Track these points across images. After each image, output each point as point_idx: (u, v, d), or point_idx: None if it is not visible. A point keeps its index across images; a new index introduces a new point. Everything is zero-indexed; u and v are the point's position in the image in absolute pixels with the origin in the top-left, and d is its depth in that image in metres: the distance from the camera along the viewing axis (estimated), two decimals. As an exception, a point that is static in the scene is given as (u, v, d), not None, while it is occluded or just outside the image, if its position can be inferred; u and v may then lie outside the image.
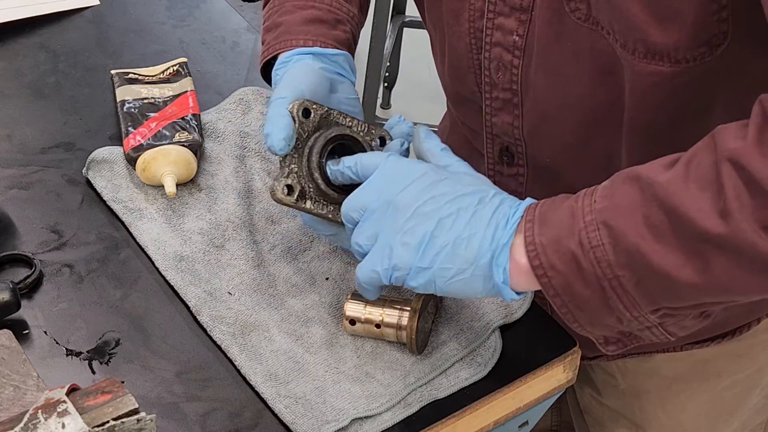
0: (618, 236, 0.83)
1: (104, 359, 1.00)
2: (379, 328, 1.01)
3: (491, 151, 1.11)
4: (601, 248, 0.84)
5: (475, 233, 0.89)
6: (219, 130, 1.21)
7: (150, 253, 1.09)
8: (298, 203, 0.99)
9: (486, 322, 1.04)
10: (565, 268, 0.85)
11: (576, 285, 0.85)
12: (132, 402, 0.87)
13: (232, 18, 1.45)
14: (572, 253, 0.85)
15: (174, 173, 1.14)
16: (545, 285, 0.87)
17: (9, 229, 1.12)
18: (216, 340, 1.02)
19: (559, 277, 0.86)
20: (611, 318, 0.87)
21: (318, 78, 1.03)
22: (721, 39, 0.86)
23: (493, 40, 1.00)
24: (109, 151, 1.18)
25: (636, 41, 0.88)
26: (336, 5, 1.11)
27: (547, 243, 0.86)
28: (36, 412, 0.85)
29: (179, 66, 1.29)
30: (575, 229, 0.85)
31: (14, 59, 1.35)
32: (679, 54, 0.88)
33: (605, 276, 0.84)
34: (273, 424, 0.96)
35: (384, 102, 2.90)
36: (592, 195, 0.86)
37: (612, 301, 0.85)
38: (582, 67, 0.95)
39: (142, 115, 1.21)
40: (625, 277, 0.84)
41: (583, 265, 0.84)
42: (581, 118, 1.00)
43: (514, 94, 1.03)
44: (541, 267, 0.86)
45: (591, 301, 0.86)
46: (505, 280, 0.88)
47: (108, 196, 1.15)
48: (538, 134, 1.05)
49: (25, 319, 1.03)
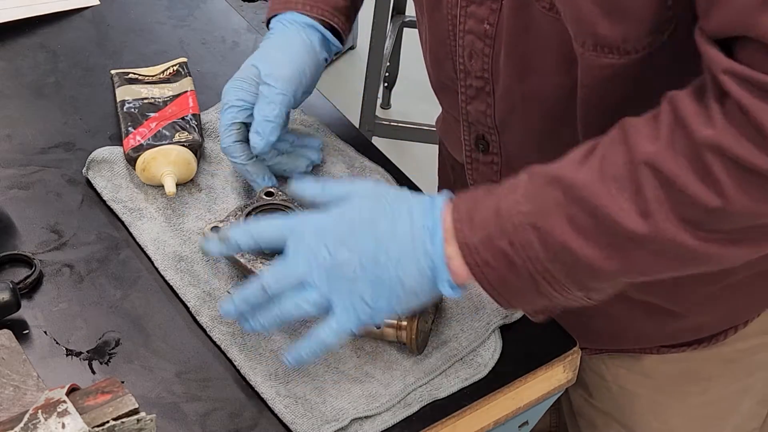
0: (546, 236, 0.87)
1: (104, 359, 1.00)
2: (379, 329, 1.01)
3: (468, 139, 1.12)
4: (531, 247, 0.88)
5: (407, 263, 0.92)
6: (218, 128, 1.21)
7: (149, 252, 1.09)
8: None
9: (486, 322, 1.04)
10: (498, 264, 0.89)
11: (510, 278, 0.90)
12: (132, 402, 0.87)
13: (232, 18, 1.46)
14: (503, 251, 0.89)
15: (174, 173, 1.14)
16: (480, 279, 0.91)
17: (9, 229, 1.12)
18: (215, 340, 1.02)
19: (492, 272, 0.90)
20: (542, 300, 0.92)
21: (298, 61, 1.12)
22: (666, 26, 0.87)
23: (466, 28, 1.01)
24: (109, 151, 1.18)
25: (585, 34, 0.89)
26: None
27: (479, 243, 0.90)
28: (36, 412, 0.85)
29: (179, 66, 1.29)
30: (505, 230, 0.88)
31: (14, 59, 1.35)
32: (628, 45, 0.89)
33: (537, 270, 0.88)
34: (273, 424, 0.96)
35: (384, 102, 2.90)
36: (515, 193, 0.90)
37: (542, 287, 0.90)
38: (547, 56, 0.96)
39: (142, 115, 1.21)
40: (555, 269, 0.88)
41: (516, 262, 0.88)
42: (546, 107, 1.01)
43: (486, 82, 1.04)
44: (477, 265, 0.90)
45: (524, 289, 0.91)
46: (453, 288, 0.92)
47: (108, 196, 1.15)
48: (509, 122, 1.06)
49: (25, 319, 1.03)
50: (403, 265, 0.91)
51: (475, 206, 0.91)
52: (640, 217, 0.83)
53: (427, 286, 0.93)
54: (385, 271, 0.91)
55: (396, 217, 0.93)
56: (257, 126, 1.09)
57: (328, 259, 0.92)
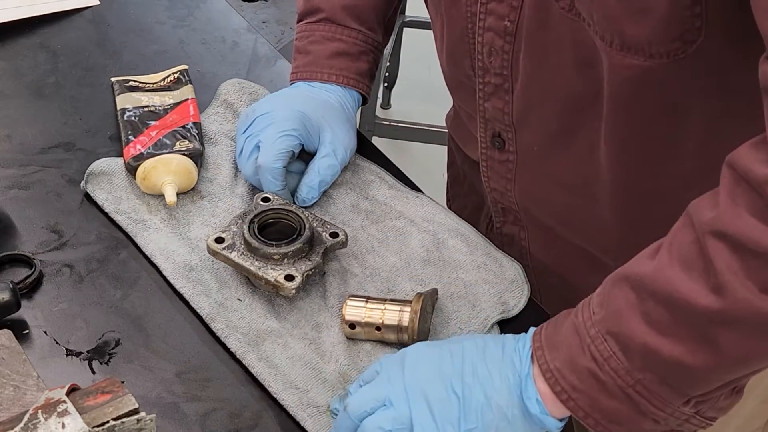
0: (626, 341, 0.83)
1: (104, 359, 1.00)
2: (380, 331, 1.01)
3: (484, 136, 1.12)
4: (614, 358, 0.84)
5: (498, 376, 0.89)
6: (212, 132, 1.22)
7: (158, 262, 1.08)
8: (224, 252, 1.05)
9: (483, 318, 1.04)
10: (585, 386, 0.85)
11: (601, 399, 0.85)
12: (132, 402, 0.87)
13: (232, 18, 1.46)
14: (588, 370, 0.85)
15: (174, 182, 1.13)
16: (572, 408, 0.87)
17: (9, 229, 1.12)
18: (231, 347, 1.01)
19: (582, 396, 0.86)
20: (647, 422, 0.86)
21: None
22: (695, 35, 0.86)
23: (486, 25, 1.01)
24: (107, 163, 1.16)
25: (613, 33, 0.89)
26: (361, 38, 1.21)
27: (561, 366, 0.86)
28: (36, 412, 0.85)
29: (180, 73, 1.29)
30: (584, 346, 0.85)
31: (14, 59, 1.35)
32: (652, 48, 0.88)
33: (627, 384, 0.84)
34: (273, 424, 0.96)
35: (384, 102, 2.90)
36: (590, 307, 0.87)
37: (642, 405, 0.85)
38: (564, 57, 0.96)
39: (143, 123, 1.20)
40: (646, 379, 0.83)
41: (603, 378, 0.84)
42: (563, 107, 1.01)
43: (505, 79, 1.04)
44: (564, 391, 0.86)
45: (622, 412, 0.85)
46: (542, 410, 0.88)
47: (110, 208, 1.13)
48: (526, 120, 1.06)
49: (25, 319, 1.03)
50: (491, 380, 0.88)
51: (554, 329, 0.89)
52: (712, 292, 0.78)
53: (516, 404, 0.88)
54: (471, 390, 0.88)
55: (486, 345, 0.91)
56: (312, 181, 1.13)
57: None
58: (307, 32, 1.23)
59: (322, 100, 1.19)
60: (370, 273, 1.09)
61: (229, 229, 1.07)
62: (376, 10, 1.23)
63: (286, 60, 1.36)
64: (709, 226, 0.79)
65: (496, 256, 1.11)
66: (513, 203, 1.16)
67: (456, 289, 1.07)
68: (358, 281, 1.08)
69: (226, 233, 1.06)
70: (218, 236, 1.06)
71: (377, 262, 1.10)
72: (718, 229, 0.78)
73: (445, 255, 1.11)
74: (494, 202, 1.19)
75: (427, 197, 1.18)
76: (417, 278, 1.09)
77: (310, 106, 1.16)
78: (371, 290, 1.07)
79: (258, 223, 1.07)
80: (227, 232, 1.06)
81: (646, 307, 0.82)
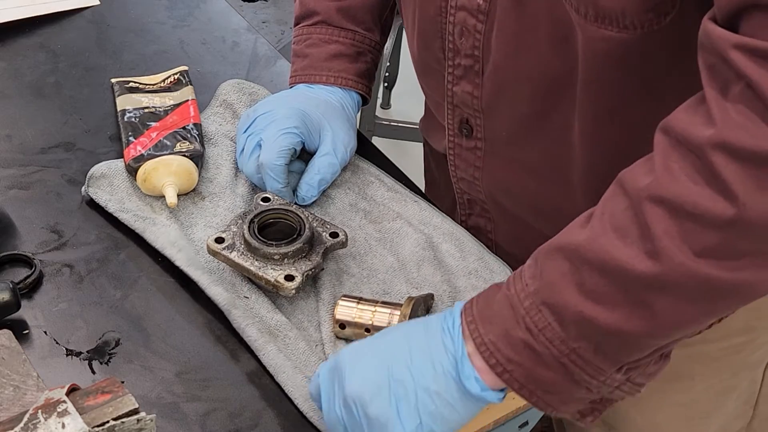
0: (561, 311, 0.83)
1: (104, 359, 1.00)
2: (369, 332, 1.01)
3: (451, 123, 1.11)
4: (550, 328, 0.84)
5: (430, 363, 0.88)
6: (211, 132, 1.22)
7: (169, 254, 1.07)
8: (224, 252, 1.05)
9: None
10: (521, 358, 0.85)
11: (537, 370, 0.85)
12: (132, 402, 0.87)
13: (232, 18, 1.46)
14: (523, 341, 0.84)
15: (175, 184, 1.13)
16: (507, 380, 0.86)
17: (9, 229, 1.12)
18: (247, 339, 1.01)
19: (518, 368, 0.85)
20: (581, 390, 0.86)
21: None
22: (668, 7, 0.86)
23: (458, 4, 1.01)
24: (107, 166, 1.16)
25: (587, 4, 0.88)
26: (358, 38, 1.21)
27: (496, 339, 0.86)
28: (36, 412, 0.85)
29: (180, 74, 1.29)
30: (518, 318, 0.85)
31: (14, 59, 1.35)
32: (626, 19, 0.87)
33: (562, 353, 0.84)
34: (273, 425, 0.96)
35: (384, 102, 2.90)
36: (522, 278, 0.86)
37: (576, 374, 0.85)
38: (539, 34, 0.95)
39: (143, 124, 1.20)
40: (581, 347, 0.83)
41: (538, 349, 0.84)
42: (536, 89, 1.00)
43: (475, 60, 1.03)
44: (499, 364, 0.86)
45: (557, 381, 0.85)
46: (483, 387, 0.87)
47: (114, 208, 1.13)
48: (496, 105, 1.05)
49: (25, 319, 1.03)
50: (423, 370, 0.87)
51: (486, 303, 0.88)
52: (648, 257, 0.78)
53: (454, 387, 0.87)
54: (404, 384, 0.87)
55: (411, 332, 0.90)
56: (312, 179, 1.14)
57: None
58: (304, 35, 1.23)
59: (323, 99, 1.19)
60: (368, 274, 1.09)
61: (229, 229, 1.07)
62: (372, 10, 1.23)
63: (286, 60, 1.36)
64: (646, 192, 0.79)
65: (488, 261, 1.10)
66: (480, 193, 1.15)
67: (447, 294, 1.07)
68: (355, 281, 1.08)
69: (226, 233, 1.06)
70: (218, 236, 1.06)
71: (375, 263, 1.10)
72: (655, 194, 0.78)
73: (438, 259, 1.10)
74: (460, 193, 1.18)
75: (425, 201, 1.18)
76: (413, 281, 1.08)
77: (310, 105, 1.17)
78: (366, 291, 1.07)
79: (258, 223, 1.07)
80: (227, 232, 1.06)
81: (580, 276, 0.82)
